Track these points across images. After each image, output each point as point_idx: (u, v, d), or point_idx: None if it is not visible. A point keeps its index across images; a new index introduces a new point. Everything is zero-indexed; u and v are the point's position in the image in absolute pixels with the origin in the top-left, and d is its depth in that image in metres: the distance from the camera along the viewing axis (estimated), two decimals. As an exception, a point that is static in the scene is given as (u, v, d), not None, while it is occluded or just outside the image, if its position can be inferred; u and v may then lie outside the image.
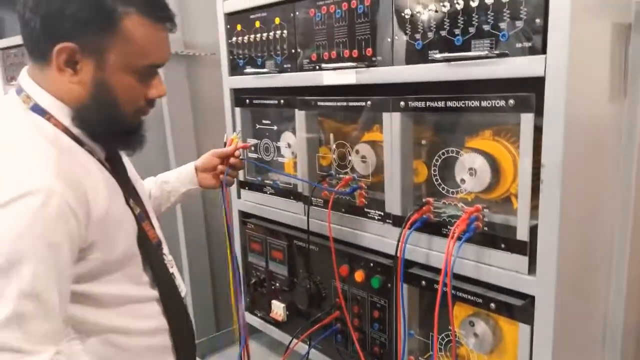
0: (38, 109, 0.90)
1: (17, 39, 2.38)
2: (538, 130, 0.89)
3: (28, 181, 0.81)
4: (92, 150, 0.97)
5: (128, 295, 0.99)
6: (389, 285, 1.19)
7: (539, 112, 0.87)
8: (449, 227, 1.05)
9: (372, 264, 1.22)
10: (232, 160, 1.31)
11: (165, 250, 1.15)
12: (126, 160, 1.14)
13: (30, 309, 0.79)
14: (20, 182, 0.81)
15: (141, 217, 1.04)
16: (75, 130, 0.93)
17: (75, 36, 0.84)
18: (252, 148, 1.55)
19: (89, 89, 0.89)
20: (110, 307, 0.97)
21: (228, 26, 1.50)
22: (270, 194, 1.49)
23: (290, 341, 1.38)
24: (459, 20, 0.95)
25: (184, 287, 1.17)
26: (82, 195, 0.87)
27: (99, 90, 0.89)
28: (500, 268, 0.98)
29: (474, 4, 0.93)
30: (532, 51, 0.86)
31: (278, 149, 1.47)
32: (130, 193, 1.04)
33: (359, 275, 1.24)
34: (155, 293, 1.05)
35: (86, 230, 0.88)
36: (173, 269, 1.14)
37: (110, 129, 0.95)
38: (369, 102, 1.16)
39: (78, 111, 0.91)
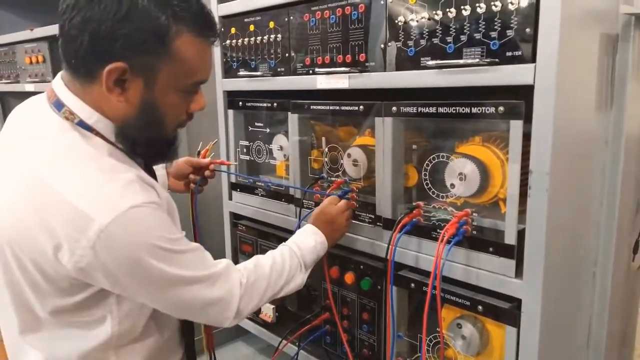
0: (84, 126, 0.87)
1: (8, 37, 2.37)
2: (526, 137, 0.91)
3: (126, 200, 0.82)
4: (136, 162, 0.95)
5: None
6: (379, 287, 1.20)
7: (527, 120, 0.89)
8: (438, 230, 1.07)
9: (362, 266, 1.23)
10: (206, 172, 1.34)
11: None
12: None
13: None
14: (120, 202, 0.81)
15: None
16: (120, 146, 0.91)
17: (127, 56, 0.81)
18: (245, 150, 1.56)
19: (136, 108, 0.87)
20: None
21: (222, 29, 1.51)
22: (262, 196, 1.50)
23: (280, 342, 1.38)
24: (451, 28, 0.97)
25: None
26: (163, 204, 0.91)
27: (146, 109, 0.87)
28: (488, 271, 1.00)
29: (465, 13, 0.95)
30: (522, 60, 0.88)
31: (270, 151, 1.48)
32: None
33: (349, 278, 1.25)
34: None
35: None
36: None
37: (153, 144, 0.93)
38: (361, 107, 1.18)
39: (122, 128, 0.88)
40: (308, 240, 1.12)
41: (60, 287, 0.86)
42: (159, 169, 1.37)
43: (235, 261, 1.60)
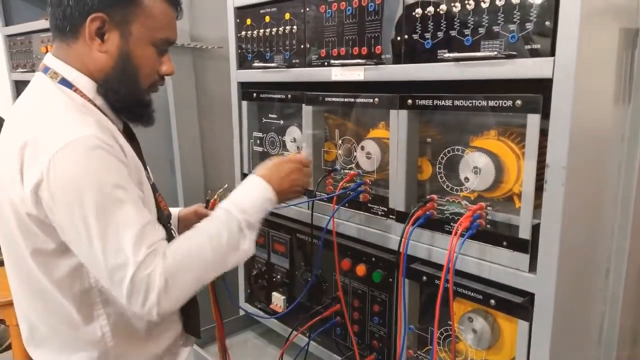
0: (65, 83, 0.99)
1: (24, 27, 2.39)
2: (543, 132, 0.91)
3: (79, 130, 0.89)
4: (113, 122, 1.03)
5: None
6: (390, 279, 1.20)
7: (545, 114, 0.89)
8: (451, 224, 1.07)
9: (373, 259, 1.24)
10: None
11: (173, 227, 1.17)
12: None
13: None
14: (73, 131, 0.89)
15: (155, 188, 1.09)
16: (99, 102, 1.01)
17: (105, 8, 0.95)
18: (258, 141, 1.56)
19: (114, 59, 0.98)
20: None
21: (238, 20, 1.51)
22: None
23: (290, 333, 1.39)
24: (469, 21, 0.97)
25: None
26: (120, 155, 0.95)
27: (123, 60, 0.99)
28: (501, 265, 0.99)
29: (484, 5, 0.94)
30: (541, 53, 0.88)
31: (283, 143, 1.49)
32: (144, 164, 1.09)
33: (360, 270, 1.26)
34: None
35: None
36: None
37: (130, 100, 1.03)
38: (376, 99, 1.18)
39: (103, 81, 1.00)
40: (249, 195, 1.04)
41: (32, 231, 0.93)
42: (173, 210, 1.38)
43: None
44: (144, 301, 0.88)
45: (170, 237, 1.13)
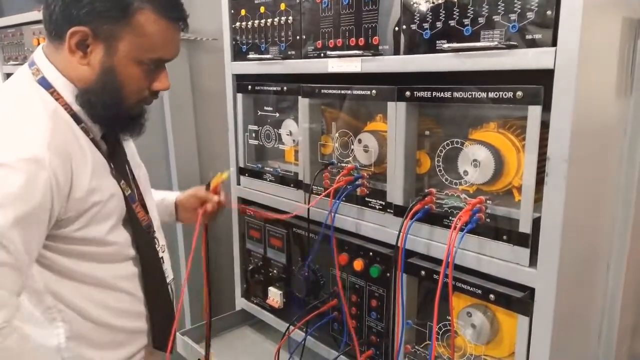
0: (44, 82, 0.97)
1: (15, 19, 2.35)
2: (543, 124, 0.89)
3: (19, 150, 0.86)
4: (88, 130, 1.01)
5: (104, 272, 1.03)
6: (388, 274, 1.19)
7: (546, 105, 0.87)
8: (450, 218, 1.05)
9: (371, 253, 1.22)
10: (209, 206, 1.31)
11: (159, 235, 1.16)
12: (129, 144, 1.15)
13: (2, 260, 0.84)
14: (12, 150, 0.88)
15: (132, 199, 1.07)
16: (76, 108, 0.99)
17: (90, 22, 0.91)
18: (253, 134, 1.54)
19: (97, 73, 0.95)
20: (84, 282, 1.01)
21: (232, 11, 1.48)
22: (270, 181, 1.49)
23: (287, 328, 1.38)
24: (468, 10, 0.95)
25: (170, 273, 1.18)
26: (69, 169, 0.92)
27: (105, 75, 0.95)
28: (501, 260, 0.98)
29: (484, -6, 0.92)
30: (542, 43, 0.86)
31: (279, 136, 1.47)
32: (122, 174, 1.06)
33: (358, 264, 1.24)
34: (136, 270, 1.09)
35: (66, 203, 0.93)
36: (164, 254, 1.15)
37: (112, 114, 0.99)
38: (373, 91, 1.16)
39: (83, 92, 0.97)
40: None
41: None
42: (170, 196, 1.39)
43: (243, 247, 1.61)
44: None
45: (152, 245, 1.13)
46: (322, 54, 1.24)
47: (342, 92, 1.23)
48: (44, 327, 0.99)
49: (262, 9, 1.39)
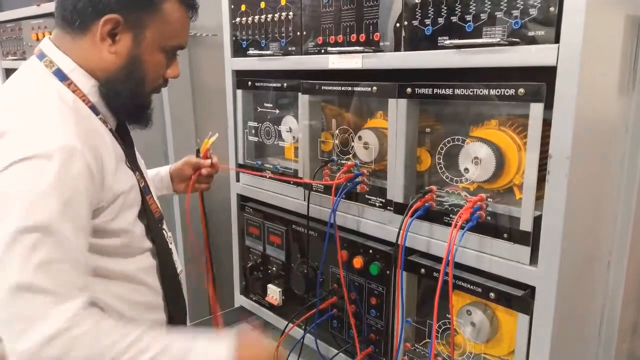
0: (60, 74, 0.95)
1: (14, 13, 2.34)
2: (545, 121, 0.88)
3: (50, 140, 0.84)
4: (105, 120, 1.00)
5: (129, 266, 1.02)
6: (388, 272, 1.18)
7: (548, 103, 0.87)
8: (451, 215, 1.05)
9: (371, 251, 1.22)
10: (203, 171, 1.36)
11: (165, 226, 1.16)
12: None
13: (58, 256, 0.81)
14: (43, 140, 0.84)
15: (145, 191, 1.07)
16: (94, 99, 0.98)
17: (121, 11, 0.92)
18: (253, 131, 1.54)
19: (123, 61, 0.96)
20: (110, 278, 0.99)
21: (232, 6, 1.48)
22: (270, 178, 1.48)
23: (286, 326, 1.37)
24: (470, 6, 0.94)
25: (179, 265, 1.18)
26: (99, 157, 0.91)
27: (131, 63, 0.96)
28: (502, 258, 0.98)
29: (487, -9, 0.91)
30: (545, 40, 0.85)
31: (279, 133, 1.46)
32: (135, 166, 1.07)
33: (357, 262, 1.23)
34: (154, 262, 1.08)
35: (101, 191, 0.92)
36: (171, 245, 1.15)
37: (131, 102, 1.01)
38: (374, 88, 1.15)
39: (106, 81, 0.97)
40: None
41: None
42: (163, 169, 1.40)
43: (242, 244, 1.60)
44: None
45: (163, 236, 1.12)
46: (322, 50, 1.24)
47: (343, 88, 1.22)
48: None
49: (262, 5, 1.38)
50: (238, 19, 1.46)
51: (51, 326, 0.78)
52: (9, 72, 2.59)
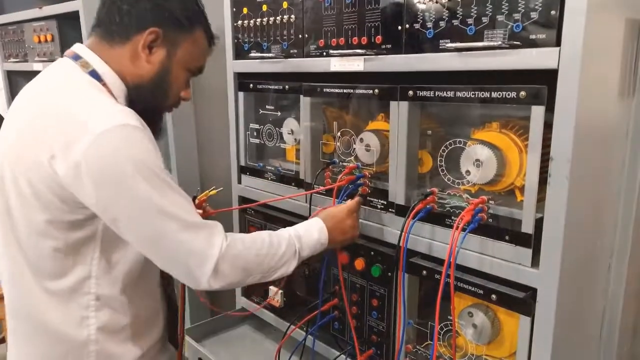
0: (95, 75, 1.01)
1: (16, 16, 2.35)
2: (546, 124, 0.89)
3: (125, 117, 0.92)
4: None
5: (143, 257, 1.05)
6: (389, 274, 1.19)
7: (549, 105, 0.87)
8: (452, 218, 1.05)
9: (372, 253, 1.22)
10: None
11: None
12: None
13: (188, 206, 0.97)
14: (121, 116, 0.92)
15: None
16: (122, 102, 1.03)
17: (162, 27, 1.02)
18: (254, 133, 1.54)
19: (154, 71, 1.04)
20: (125, 271, 1.05)
21: (234, 9, 1.48)
22: (271, 180, 1.48)
23: (288, 327, 1.38)
24: (472, 10, 0.94)
25: None
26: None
27: (161, 75, 1.05)
28: (503, 260, 0.98)
29: (488, -6, 0.92)
30: (546, 43, 0.86)
31: (280, 135, 1.46)
32: None
33: (359, 264, 1.24)
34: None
35: None
36: None
37: (153, 110, 1.08)
38: (376, 90, 1.15)
39: (136, 86, 1.04)
40: (312, 236, 1.11)
41: (49, 208, 0.93)
42: None
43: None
44: (214, 274, 0.96)
45: None
46: (324, 53, 1.24)
47: (344, 91, 1.23)
48: (74, 317, 1.01)
49: (264, 7, 1.38)
50: (240, 22, 1.47)
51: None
52: (11, 74, 2.60)
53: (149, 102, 1.05)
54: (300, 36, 1.30)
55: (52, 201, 0.92)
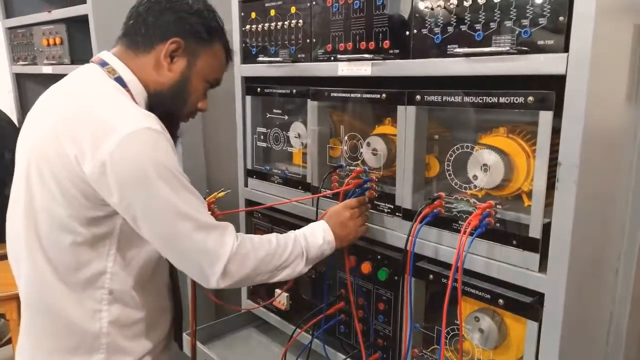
0: (121, 81, 1.06)
1: (25, 19, 2.37)
2: (554, 129, 0.89)
3: (149, 122, 0.96)
4: None
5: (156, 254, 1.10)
6: (396, 278, 1.19)
7: (557, 111, 0.87)
8: (460, 222, 1.05)
9: (379, 257, 1.22)
10: None
11: None
12: None
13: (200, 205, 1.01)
14: (145, 120, 0.96)
15: None
16: (143, 108, 1.06)
17: (185, 38, 1.08)
18: (262, 137, 1.55)
19: (175, 80, 1.09)
20: (138, 267, 1.08)
21: (242, 13, 1.49)
22: (278, 183, 1.49)
23: (294, 331, 1.38)
24: (480, 15, 0.95)
25: None
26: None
27: (181, 84, 1.10)
28: (511, 264, 0.98)
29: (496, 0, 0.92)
30: (554, 49, 0.86)
31: (287, 138, 1.47)
32: None
33: (365, 267, 1.24)
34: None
35: None
36: None
37: (171, 116, 1.11)
38: (383, 95, 1.16)
39: (156, 93, 1.08)
40: (317, 235, 1.14)
41: (72, 204, 0.97)
42: None
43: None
44: (224, 273, 1.00)
45: None
46: (332, 58, 1.25)
47: (352, 95, 1.23)
48: (88, 310, 1.04)
49: (272, 12, 1.39)
50: (248, 26, 1.48)
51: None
52: (19, 76, 2.62)
53: (168, 108, 1.10)
54: (307, 41, 1.31)
55: (75, 197, 0.96)
